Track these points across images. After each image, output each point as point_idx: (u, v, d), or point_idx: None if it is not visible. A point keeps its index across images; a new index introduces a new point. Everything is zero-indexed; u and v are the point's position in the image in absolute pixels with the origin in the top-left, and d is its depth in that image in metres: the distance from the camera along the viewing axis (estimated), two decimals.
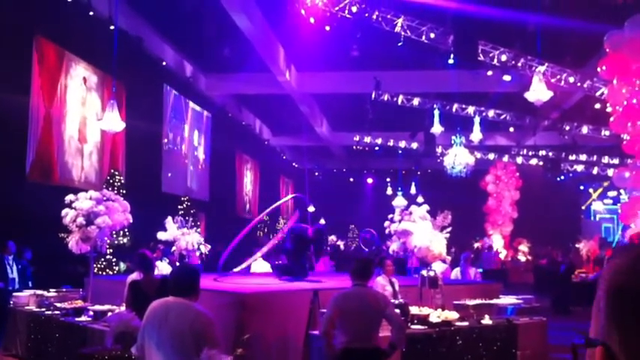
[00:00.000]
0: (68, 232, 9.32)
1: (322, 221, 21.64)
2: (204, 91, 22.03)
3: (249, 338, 4.22)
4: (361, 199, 35.57)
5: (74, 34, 14.66)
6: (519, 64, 16.12)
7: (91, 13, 14.63)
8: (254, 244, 17.63)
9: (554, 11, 14.72)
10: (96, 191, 9.98)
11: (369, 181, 35.95)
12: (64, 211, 9.20)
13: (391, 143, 26.38)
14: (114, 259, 13.71)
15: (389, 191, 32.50)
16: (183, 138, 21.95)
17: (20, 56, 13.23)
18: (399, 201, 27.14)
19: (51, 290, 10.04)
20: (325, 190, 34.19)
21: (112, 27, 14.32)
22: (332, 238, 22.91)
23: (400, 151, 27.25)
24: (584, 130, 22.57)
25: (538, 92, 13.82)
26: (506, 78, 16.56)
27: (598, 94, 17.15)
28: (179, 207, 18.56)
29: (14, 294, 10.10)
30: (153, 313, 4.44)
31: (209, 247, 12.57)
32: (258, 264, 13.43)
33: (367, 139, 25.36)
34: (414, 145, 25.71)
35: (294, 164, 35.21)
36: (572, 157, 26.64)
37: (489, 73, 16.82)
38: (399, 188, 29.88)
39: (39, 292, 9.89)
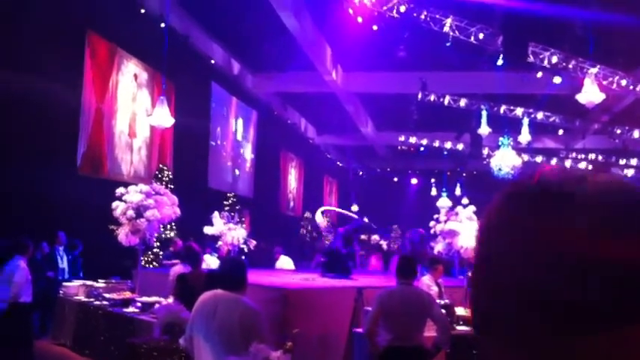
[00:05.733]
0: (118, 224, 9.50)
1: (366, 219, 21.58)
2: (251, 89, 22.21)
3: (298, 332, 4.24)
4: (405, 200, 35.38)
5: (125, 31, 14.93)
6: (570, 66, 15.83)
7: (143, 11, 14.88)
8: (295, 242, 17.76)
9: (607, 11, 14.42)
10: (140, 184, 10.15)
11: (414, 181, 35.73)
12: (114, 204, 9.39)
13: (437, 144, 26.18)
14: (161, 252, 13.92)
15: (433, 192, 32.27)
16: (230, 135, 22.16)
17: (73, 51, 13.52)
18: (444, 202, 26.90)
19: (100, 281, 10.27)
20: (369, 190, 34.13)
21: (162, 24, 14.54)
22: (375, 237, 22.81)
23: (445, 152, 27.02)
24: (636, 134, 22.08)
25: (590, 94, 13.57)
26: (557, 80, 16.30)
27: None
28: (224, 202, 18.77)
29: (64, 284, 10.34)
30: (202, 306, 4.50)
31: (254, 242, 12.68)
32: (283, 260, 13.51)
33: (412, 140, 25.21)
34: (460, 146, 25.46)
35: (338, 163, 35.22)
36: (623, 162, 26.07)
37: (539, 74, 16.56)
38: (444, 189, 29.64)
39: (88, 282, 10.12)
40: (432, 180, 33.22)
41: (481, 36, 14.93)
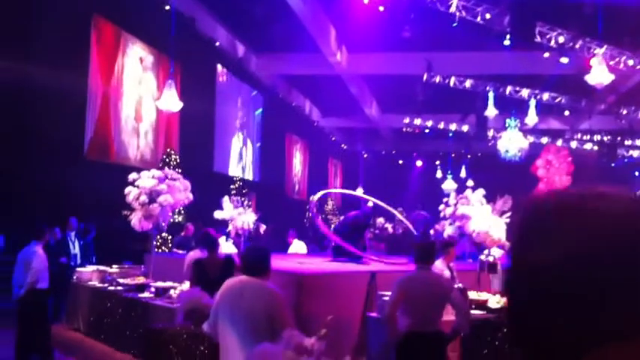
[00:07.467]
0: (130, 209, 9.50)
1: (370, 203, 21.55)
2: (256, 71, 22.11)
3: (332, 319, 4.25)
4: (410, 182, 35.30)
5: (130, 14, 14.85)
6: (577, 46, 15.73)
7: None
8: (304, 225, 17.77)
9: None
10: (152, 169, 10.14)
11: (419, 163, 35.61)
12: (127, 189, 9.38)
13: (442, 126, 26.06)
14: (169, 237, 13.93)
15: (438, 174, 32.23)
16: (235, 118, 22.11)
17: (79, 35, 13.47)
18: (449, 184, 26.94)
19: (113, 266, 10.27)
20: (374, 172, 34.07)
21: (167, 7, 14.45)
22: (380, 220, 22.79)
23: (450, 134, 26.90)
24: None
25: (599, 75, 13.49)
26: (564, 60, 16.18)
27: None
28: (230, 187, 18.75)
29: (77, 269, 10.35)
30: (228, 292, 4.50)
31: (264, 227, 12.66)
32: (296, 245, 13.46)
33: (417, 122, 25.14)
34: (465, 128, 25.38)
35: (342, 146, 35.15)
36: (628, 142, 25.97)
37: (546, 54, 16.45)
38: (449, 171, 29.59)
39: (102, 267, 10.13)
40: (437, 162, 33.15)
41: (488, 16, 14.83)
